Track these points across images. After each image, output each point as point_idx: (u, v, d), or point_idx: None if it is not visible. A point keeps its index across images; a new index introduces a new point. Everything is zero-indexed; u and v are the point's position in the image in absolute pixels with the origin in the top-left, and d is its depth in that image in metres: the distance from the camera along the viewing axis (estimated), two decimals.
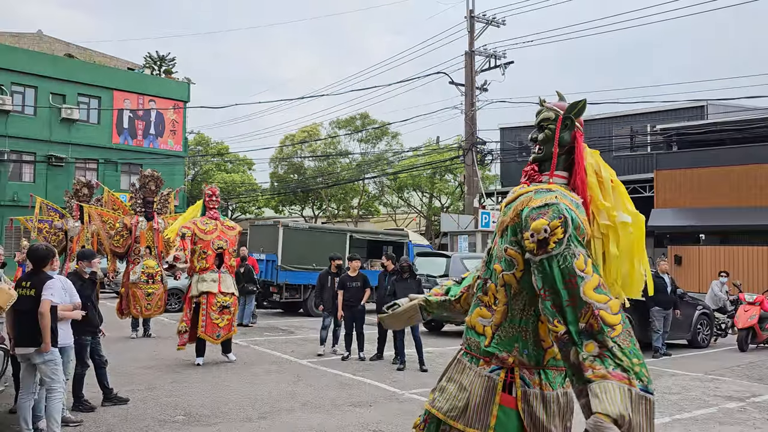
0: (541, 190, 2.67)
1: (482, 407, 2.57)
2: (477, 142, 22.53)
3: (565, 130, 2.83)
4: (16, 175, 27.95)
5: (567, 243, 2.42)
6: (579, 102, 2.86)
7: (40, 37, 35.48)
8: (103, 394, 6.82)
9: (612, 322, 2.31)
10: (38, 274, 5.38)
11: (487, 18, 22.50)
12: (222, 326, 9.39)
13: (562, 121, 2.84)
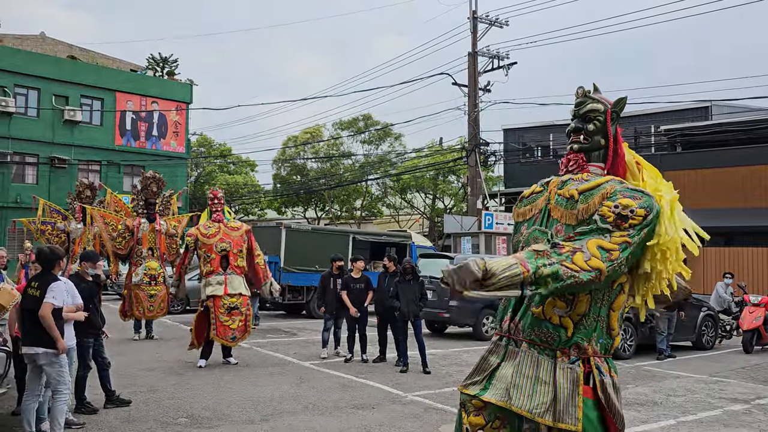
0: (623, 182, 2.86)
1: (570, 400, 2.58)
2: (480, 143, 22.49)
3: (613, 123, 3.00)
4: (19, 177, 27.99)
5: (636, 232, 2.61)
6: (623, 99, 3.04)
7: (43, 39, 35.55)
8: (106, 396, 6.81)
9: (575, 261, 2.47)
10: (45, 275, 5.38)
11: (490, 19, 22.48)
12: (234, 328, 9.38)
13: (611, 114, 2.99)
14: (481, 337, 13.07)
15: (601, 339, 2.67)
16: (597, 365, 2.65)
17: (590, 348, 2.65)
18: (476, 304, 13.06)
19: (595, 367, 2.64)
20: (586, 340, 2.66)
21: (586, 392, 2.60)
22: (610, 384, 2.64)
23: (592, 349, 2.65)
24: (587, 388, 2.61)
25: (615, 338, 2.71)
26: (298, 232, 17.30)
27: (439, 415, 6.81)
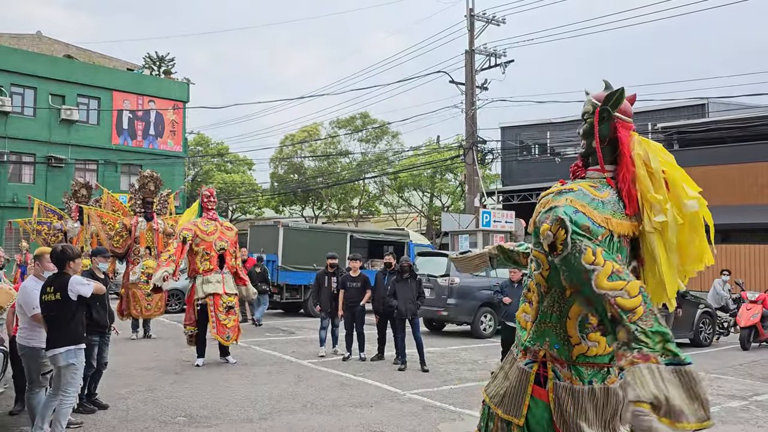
0: (564, 191, 2.70)
1: (516, 396, 2.71)
2: (477, 141, 22.49)
3: (603, 123, 2.81)
4: (16, 177, 27.93)
5: (572, 242, 2.47)
6: (615, 92, 2.81)
7: (39, 38, 35.45)
8: (86, 395, 6.73)
9: (630, 306, 2.30)
10: (61, 276, 5.39)
11: (487, 16, 22.47)
12: (230, 327, 9.39)
13: (599, 114, 2.81)
14: (478, 334, 13.08)
15: (556, 345, 2.65)
16: (554, 369, 2.65)
17: (542, 352, 2.68)
18: (474, 302, 13.07)
19: (552, 370, 2.65)
20: (537, 344, 2.71)
21: (539, 393, 2.65)
22: (565, 389, 2.60)
23: (547, 353, 2.67)
24: (541, 390, 2.65)
25: (575, 346, 2.63)
26: (296, 231, 17.28)
27: (438, 413, 6.82)
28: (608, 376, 2.66)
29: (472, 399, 7.52)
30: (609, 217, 2.59)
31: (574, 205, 2.58)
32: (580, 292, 2.50)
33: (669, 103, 24.74)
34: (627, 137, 2.77)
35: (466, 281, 13.13)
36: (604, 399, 2.63)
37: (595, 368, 2.65)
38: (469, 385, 8.33)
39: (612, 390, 2.64)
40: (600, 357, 2.65)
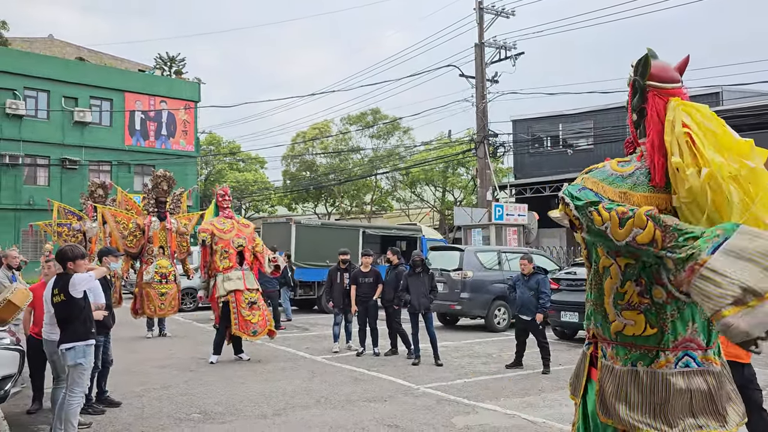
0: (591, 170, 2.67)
1: (578, 377, 2.77)
2: (489, 134, 22.39)
3: (636, 94, 2.66)
4: (31, 179, 28.23)
5: (582, 214, 2.45)
6: (640, 59, 2.63)
7: (51, 42, 35.77)
8: (97, 394, 6.79)
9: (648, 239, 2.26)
10: (63, 276, 5.44)
11: (496, 9, 22.34)
12: (255, 322, 9.45)
13: (632, 86, 2.66)
14: (492, 328, 13.04)
15: (599, 323, 2.64)
16: (602, 348, 2.63)
17: (592, 331, 2.70)
18: (487, 296, 13.03)
19: (600, 349, 2.63)
20: (588, 323, 2.73)
21: (593, 374, 2.64)
22: (607, 368, 2.56)
23: (596, 332, 2.67)
24: (594, 370, 2.64)
25: (612, 323, 2.57)
26: (308, 228, 17.31)
27: (452, 407, 6.80)
28: (656, 360, 2.50)
29: (487, 392, 7.49)
30: (626, 191, 2.49)
31: (585, 183, 2.55)
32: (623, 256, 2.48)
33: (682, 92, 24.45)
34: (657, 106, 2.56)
35: (479, 275, 13.09)
36: (652, 384, 2.47)
37: (640, 350, 2.52)
38: (483, 379, 8.30)
39: (661, 375, 2.46)
40: (641, 338, 2.51)
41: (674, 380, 2.45)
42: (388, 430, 6.01)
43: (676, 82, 2.63)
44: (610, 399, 2.54)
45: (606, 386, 2.55)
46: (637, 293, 2.48)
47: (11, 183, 27.12)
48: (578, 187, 2.54)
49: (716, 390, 2.48)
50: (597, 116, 27.38)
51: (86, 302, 5.47)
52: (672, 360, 2.48)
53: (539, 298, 8.90)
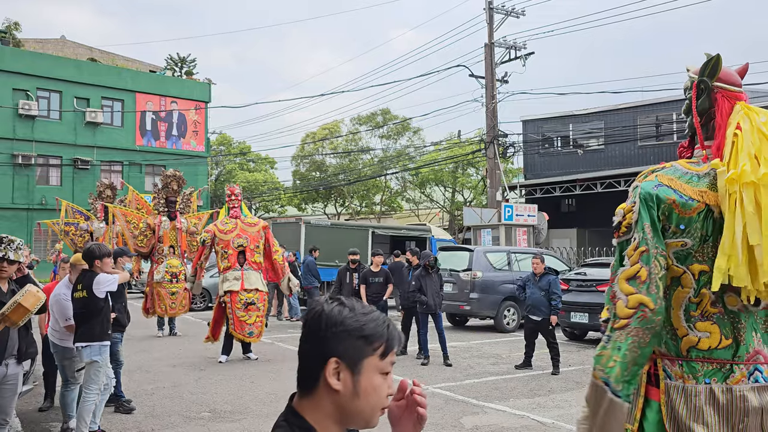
0: (657, 169, 2.49)
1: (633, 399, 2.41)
2: (498, 134, 22.35)
3: (702, 95, 2.55)
4: (44, 179, 28.46)
5: (633, 228, 2.34)
6: (710, 60, 2.54)
7: (63, 43, 36.06)
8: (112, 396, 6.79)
9: (620, 315, 2.26)
10: (88, 273, 5.54)
11: (506, 9, 22.29)
12: (251, 323, 9.47)
13: (696, 87, 2.56)
14: (502, 329, 13.01)
15: (665, 340, 2.41)
16: (664, 367, 2.39)
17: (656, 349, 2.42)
18: (497, 296, 13.00)
19: (662, 369, 2.39)
20: None
21: (653, 394, 2.41)
22: (676, 389, 2.34)
23: (656, 350, 2.41)
24: (654, 389, 2.41)
25: (683, 338, 2.38)
26: (318, 228, 17.34)
27: (461, 407, 6.79)
28: (731, 375, 2.31)
29: (496, 393, 7.48)
30: (706, 190, 2.35)
31: (660, 179, 2.38)
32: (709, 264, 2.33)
33: None
34: (726, 108, 2.50)
35: (489, 275, 13.07)
36: (730, 402, 2.29)
37: (713, 365, 2.33)
38: (492, 379, 8.29)
39: (737, 390, 2.29)
40: (717, 351, 2.34)
41: (750, 397, 2.29)
42: None
43: (740, 87, 2.58)
44: (686, 422, 2.32)
45: (679, 408, 2.34)
46: (711, 302, 2.33)
47: (24, 183, 27.37)
48: (654, 183, 2.37)
49: None
50: (607, 116, 27.26)
51: (106, 303, 5.55)
52: (745, 374, 2.31)
53: (550, 299, 8.87)
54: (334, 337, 1.35)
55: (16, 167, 27.06)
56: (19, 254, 4.48)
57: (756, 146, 2.33)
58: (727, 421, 2.27)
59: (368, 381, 1.35)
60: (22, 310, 4.18)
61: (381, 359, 1.37)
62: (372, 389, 1.35)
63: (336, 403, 1.34)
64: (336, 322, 1.35)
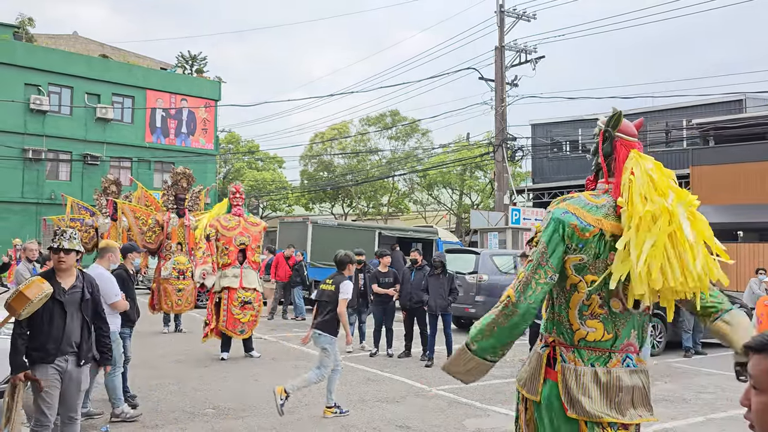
0: (567, 198, 3.16)
1: (534, 377, 3.14)
2: (507, 138, 22.31)
3: (606, 142, 3.23)
4: (53, 174, 28.61)
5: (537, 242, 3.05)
6: (614, 114, 3.22)
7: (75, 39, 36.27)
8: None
9: (501, 299, 3.05)
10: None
11: (517, 12, 22.26)
12: (245, 321, 9.50)
13: (603, 134, 3.25)
14: None
15: (561, 332, 3.08)
16: (561, 353, 3.06)
17: (552, 338, 3.12)
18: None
19: (560, 354, 3.06)
20: (547, 331, 3.17)
21: (550, 374, 3.07)
22: (569, 370, 3.01)
23: (555, 338, 3.11)
24: (552, 371, 3.07)
25: (576, 331, 3.05)
26: (325, 228, 17.37)
27: (464, 409, 6.80)
28: (610, 360, 3.03)
29: (499, 396, 7.48)
30: (601, 219, 3.03)
31: (568, 207, 3.07)
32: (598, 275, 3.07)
33: (705, 99, 24.19)
34: (623, 154, 3.19)
35: (494, 278, 13.05)
36: (608, 380, 3.01)
37: (597, 352, 3.04)
38: (495, 382, 8.28)
39: (614, 373, 3.02)
40: (600, 342, 3.04)
41: (623, 377, 3.03)
42: (400, 430, 6.02)
43: (636, 137, 3.29)
44: (576, 395, 2.99)
45: (571, 384, 3.02)
46: (599, 305, 3.00)
47: (34, 177, 27.53)
48: (563, 210, 3.05)
49: (647, 386, 3.11)
50: None
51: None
52: (620, 360, 3.05)
53: None
54: None
55: (26, 162, 27.23)
56: (74, 243, 4.51)
57: (644, 188, 3.03)
58: (606, 394, 2.99)
59: None
60: (23, 299, 4.20)
61: None
62: None
63: None
64: None
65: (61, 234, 4.53)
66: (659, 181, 3.08)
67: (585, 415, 2.98)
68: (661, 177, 3.10)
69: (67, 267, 4.52)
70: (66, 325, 4.42)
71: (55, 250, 4.48)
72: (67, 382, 4.46)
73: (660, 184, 3.08)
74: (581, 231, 2.98)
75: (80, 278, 4.63)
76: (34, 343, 4.37)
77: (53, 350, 4.37)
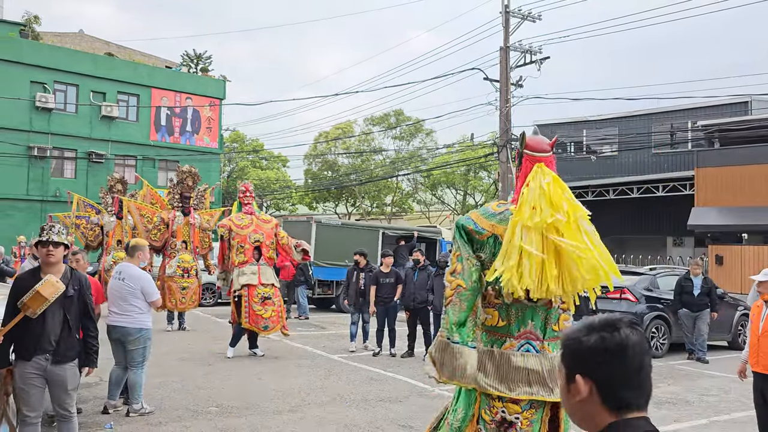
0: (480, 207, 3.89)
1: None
2: (512, 138, 22.28)
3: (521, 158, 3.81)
4: (59, 172, 28.67)
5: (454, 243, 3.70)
6: (522, 135, 3.86)
7: (81, 37, 36.36)
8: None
9: (447, 296, 3.60)
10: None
11: (522, 13, 22.22)
12: (267, 317, 9.54)
13: (518, 154, 3.84)
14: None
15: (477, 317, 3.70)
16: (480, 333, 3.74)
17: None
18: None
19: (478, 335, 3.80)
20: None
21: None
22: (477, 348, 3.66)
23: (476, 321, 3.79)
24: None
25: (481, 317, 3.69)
26: (328, 227, 17.38)
27: None
28: (504, 343, 3.57)
29: None
30: (495, 224, 3.61)
31: (471, 215, 3.75)
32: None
33: (710, 101, 24.13)
34: (527, 168, 3.69)
35: None
36: (500, 360, 3.55)
37: (494, 335, 3.61)
38: None
39: (506, 354, 3.55)
40: (496, 327, 3.59)
41: (514, 358, 3.54)
42: (402, 430, 6.03)
43: (546, 152, 3.75)
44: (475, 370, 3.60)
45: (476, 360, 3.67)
46: (494, 296, 3.58)
47: (39, 175, 27.60)
48: (466, 218, 3.73)
49: (548, 370, 3.51)
50: (622, 123, 27.13)
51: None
52: (515, 345, 3.56)
53: None
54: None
55: (31, 159, 27.28)
56: (62, 237, 4.47)
57: (536, 200, 3.46)
58: (498, 371, 3.55)
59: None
60: (40, 299, 4.23)
61: None
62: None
63: None
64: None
65: (49, 229, 4.45)
66: (554, 194, 3.46)
67: (478, 387, 3.56)
68: (557, 190, 3.49)
69: (56, 261, 4.44)
70: (46, 322, 4.32)
71: (44, 243, 4.38)
72: (50, 382, 4.40)
73: (555, 196, 3.47)
74: (477, 233, 3.62)
75: (67, 275, 4.51)
76: (16, 338, 4.33)
77: (32, 347, 4.31)
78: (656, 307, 11.19)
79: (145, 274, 6.33)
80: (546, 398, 3.48)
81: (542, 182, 3.50)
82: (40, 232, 4.49)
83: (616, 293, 11.25)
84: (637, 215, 27.00)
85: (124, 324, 6.09)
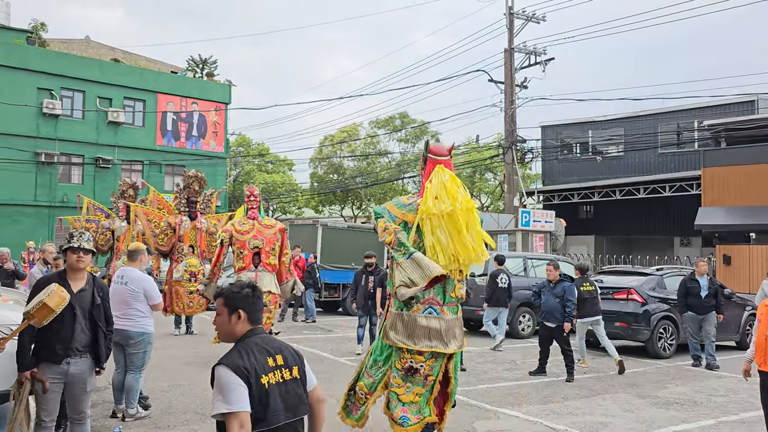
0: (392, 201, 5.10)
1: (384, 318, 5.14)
2: (517, 140, 22.29)
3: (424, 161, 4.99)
4: (66, 177, 28.83)
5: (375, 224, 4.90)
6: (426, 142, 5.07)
7: (87, 43, 36.57)
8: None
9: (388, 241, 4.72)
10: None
11: (526, 14, 22.25)
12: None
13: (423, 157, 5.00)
14: (517, 334, 12.96)
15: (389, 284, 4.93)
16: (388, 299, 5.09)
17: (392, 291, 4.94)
18: (512, 302, 12.95)
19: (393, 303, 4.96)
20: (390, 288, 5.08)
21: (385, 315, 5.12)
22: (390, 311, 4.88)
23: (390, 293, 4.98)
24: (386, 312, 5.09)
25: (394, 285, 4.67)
26: (335, 230, 17.42)
27: (474, 412, 6.80)
28: (412, 308, 4.68)
29: (509, 398, 7.48)
30: (405, 213, 4.79)
31: (386, 205, 4.97)
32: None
33: (716, 100, 24.05)
34: (430, 168, 4.87)
35: None
36: (408, 320, 4.67)
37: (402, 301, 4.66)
38: (506, 385, 8.29)
39: (413, 316, 4.66)
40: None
41: (419, 320, 4.66)
42: None
43: (445, 156, 4.94)
44: (387, 329, 4.77)
45: (386, 322, 4.82)
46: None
47: (46, 181, 27.76)
48: (381, 208, 4.97)
49: (445, 329, 4.65)
50: (627, 123, 27.07)
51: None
52: (421, 309, 4.68)
53: (564, 306, 8.84)
54: None
55: (39, 165, 27.45)
56: (90, 244, 4.67)
57: (437, 191, 4.65)
58: (406, 329, 4.66)
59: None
60: (46, 310, 4.25)
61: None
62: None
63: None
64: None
65: (79, 235, 4.63)
66: (450, 187, 4.64)
67: (391, 342, 4.70)
68: (452, 185, 4.67)
69: (84, 266, 4.64)
70: (75, 327, 4.46)
71: (75, 250, 4.56)
72: (71, 384, 4.49)
73: (451, 189, 4.64)
74: (389, 221, 4.78)
75: (90, 282, 4.68)
76: (42, 341, 4.41)
77: (61, 351, 4.41)
78: (663, 307, 11.14)
79: (147, 277, 6.34)
80: (443, 350, 4.62)
81: (443, 179, 4.69)
82: (69, 238, 4.65)
83: (623, 294, 11.22)
84: (643, 215, 26.93)
85: (126, 327, 6.09)
